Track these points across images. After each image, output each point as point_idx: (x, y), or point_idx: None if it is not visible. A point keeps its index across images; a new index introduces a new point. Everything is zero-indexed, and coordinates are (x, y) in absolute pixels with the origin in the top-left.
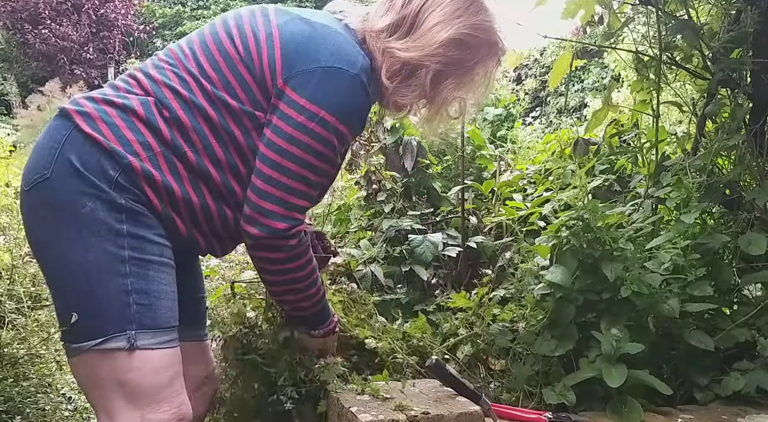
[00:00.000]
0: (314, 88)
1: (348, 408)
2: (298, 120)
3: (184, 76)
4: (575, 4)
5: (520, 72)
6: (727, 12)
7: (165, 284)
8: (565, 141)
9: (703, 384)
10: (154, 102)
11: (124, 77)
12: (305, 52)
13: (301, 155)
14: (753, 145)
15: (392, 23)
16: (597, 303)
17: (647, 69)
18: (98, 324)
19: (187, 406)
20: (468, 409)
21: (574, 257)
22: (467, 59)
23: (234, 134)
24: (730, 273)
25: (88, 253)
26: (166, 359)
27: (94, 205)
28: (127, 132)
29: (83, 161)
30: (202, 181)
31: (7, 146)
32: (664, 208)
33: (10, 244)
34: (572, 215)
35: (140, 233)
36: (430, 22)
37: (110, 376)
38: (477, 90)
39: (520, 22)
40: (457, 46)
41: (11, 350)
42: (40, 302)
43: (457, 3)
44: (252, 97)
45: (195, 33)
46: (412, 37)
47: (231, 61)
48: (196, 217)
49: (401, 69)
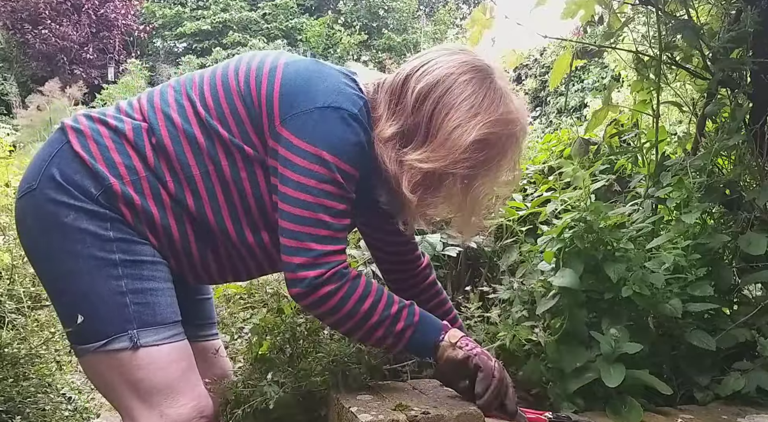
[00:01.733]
0: (312, 130)
1: (348, 408)
2: (303, 165)
3: (183, 103)
4: (575, 4)
5: (520, 72)
6: (727, 12)
7: (161, 281)
8: (566, 141)
9: (703, 384)
10: (146, 128)
11: (132, 99)
12: (304, 93)
13: (315, 200)
14: (753, 145)
15: (403, 131)
16: (599, 303)
17: (647, 69)
18: (99, 326)
19: (206, 398)
20: (468, 409)
21: (579, 259)
22: (493, 156)
23: (221, 164)
24: (730, 273)
25: (75, 261)
26: (174, 353)
27: (76, 214)
28: (114, 154)
29: (66, 176)
30: (183, 212)
31: (7, 146)
32: (665, 208)
33: (10, 244)
34: (575, 217)
35: (128, 237)
36: (448, 127)
37: (121, 377)
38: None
39: (520, 22)
40: (482, 147)
41: (11, 350)
42: (40, 302)
43: (470, 99)
44: (243, 131)
45: (216, 65)
46: (431, 146)
47: (230, 93)
48: (174, 245)
49: (423, 180)
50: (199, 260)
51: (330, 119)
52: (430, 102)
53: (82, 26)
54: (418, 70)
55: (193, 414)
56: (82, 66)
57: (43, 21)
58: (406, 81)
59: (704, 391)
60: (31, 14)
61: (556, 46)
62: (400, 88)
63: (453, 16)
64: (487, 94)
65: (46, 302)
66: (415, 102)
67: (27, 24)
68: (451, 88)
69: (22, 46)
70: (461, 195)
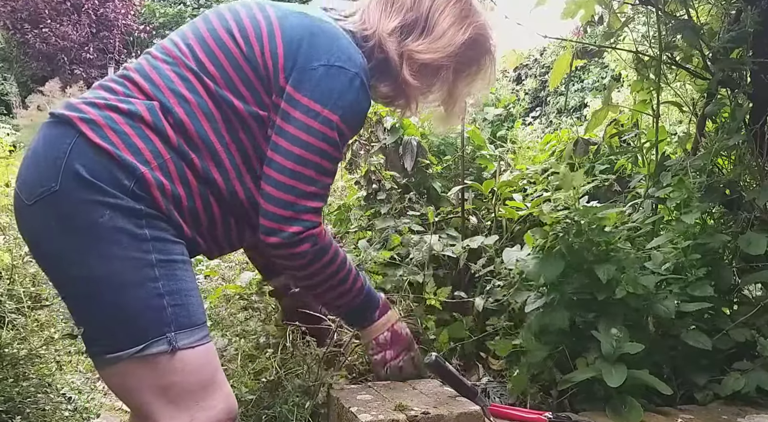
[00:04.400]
0: (316, 87)
1: (348, 408)
2: (302, 120)
3: (185, 75)
4: (575, 4)
5: (520, 72)
6: (727, 12)
7: (190, 281)
8: (566, 141)
9: (702, 384)
10: (159, 107)
11: (118, 78)
12: (307, 48)
13: (308, 156)
14: (753, 145)
15: (403, 24)
16: (592, 303)
17: (647, 69)
18: (136, 331)
19: (233, 397)
20: (468, 409)
21: (561, 258)
22: (478, 56)
23: (238, 134)
24: (730, 273)
25: (110, 263)
26: (206, 355)
27: (112, 213)
28: (137, 140)
29: (94, 172)
30: (209, 189)
31: (7, 146)
32: (665, 208)
33: (10, 244)
34: (563, 216)
35: (162, 236)
36: (445, 24)
37: (152, 382)
38: (483, 85)
39: (520, 22)
40: (472, 45)
41: (11, 350)
42: (40, 302)
43: (459, 3)
44: (257, 96)
45: (187, 27)
46: (429, 38)
47: (233, 58)
48: (199, 223)
49: (421, 69)
50: (222, 231)
51: (336, 78)
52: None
53: (82, 26)
54: None
55: (222, 416)
56: (83, 66)
57: (43, 21)
58: None
59: (704, 391)
60: (31, 14)
61: (556, 46)
62: None
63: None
64: (471, 3)
65: (46, 302)
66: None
67: (27, 24)
68: None
69: (22, 46)
70: (450, 85)
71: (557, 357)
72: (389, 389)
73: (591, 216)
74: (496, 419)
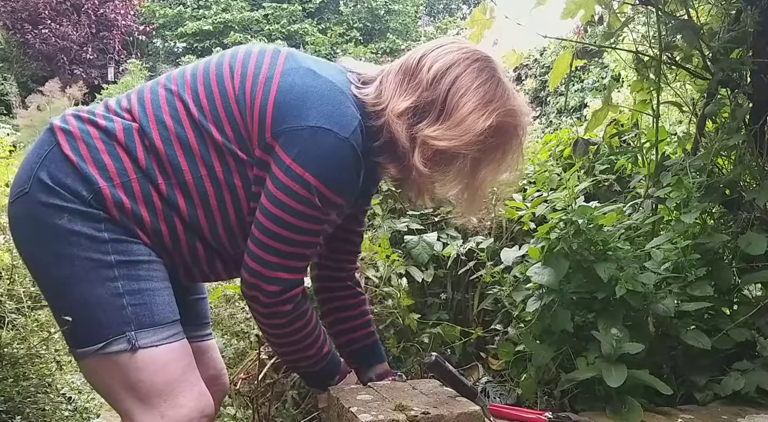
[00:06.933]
0: (301, 148)
1: (348, 408)
2: (282, 180)
3: (175, 104)
4: (575, 4)
5: (520, 72)
6: (727, 12)
7: (157, 280)
8: (566, 141)
9: (702, 384)
10: (137, 129)
11: (121, 97)
12: (298, 107)
13: (284, 216)
14: (753, 145)
15: (416, 106)
16: (592, 303)
17: (647, 69)
18: (97, 329)
19: (207, 396)
20: (468, 409)
21: (565, 258)
22: (503, 143)
23: (214, 169)
24: (730, 273)
25: (71, 264)
26: (173, 353)
27: (71, 216)
28: (105, 156)
29: (55, 179)
30: (175, 213)
31: (7, 146)
32: (664, 208)
33: (10, 244)
34: (561, 217)
35: (122, 238)
36: (466, 109)
37: (119, 379)
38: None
39: (520, 22)
40: (494, 133)
41: (11, 350)
42: (40, 302)
43: (485, 86)
44: (238, 135)
45: (204, 60)
46: (446, 123)
47: (226, 97)
48: (163, 243)
49: (435, 156)
50: (190, 257)
51: (321, 141)
52: (448, 80)
53: (82, 26)
54: (433, 51)
55: (194, 413)
56: (82, 66)
57: (43, 21)
58: (422, 59)
59: (704, 391)
60: (31, 14)
61: (556, 46)
62: (415, 66)
63: (454, 16)
64: (499, 84)
65: (46, 302)
66: (432, 79)
67: (27, 24)
68: (465, 71)
69: (22, 46)
70: (469, 176)
71: (560, 358)
72: (389, 389)
73: (588, 216)
74: (496, 419)
